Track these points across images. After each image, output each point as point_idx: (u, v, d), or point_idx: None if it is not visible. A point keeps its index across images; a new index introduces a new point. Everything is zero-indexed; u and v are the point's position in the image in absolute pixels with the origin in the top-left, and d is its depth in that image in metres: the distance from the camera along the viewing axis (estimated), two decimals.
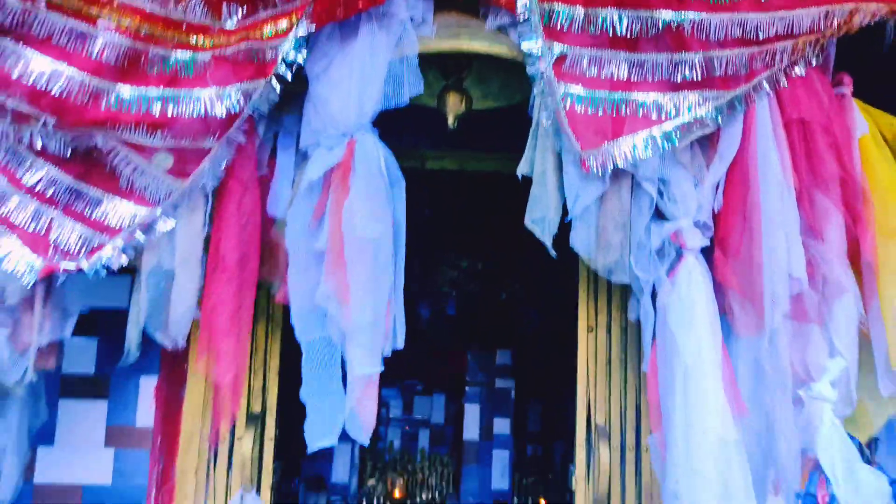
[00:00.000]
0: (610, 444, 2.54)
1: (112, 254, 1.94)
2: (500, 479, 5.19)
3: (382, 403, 5.46)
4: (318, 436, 2.06)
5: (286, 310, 2.43)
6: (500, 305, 5.64)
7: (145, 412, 2.66)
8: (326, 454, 5.12)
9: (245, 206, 2.08)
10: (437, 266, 5.63)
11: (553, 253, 2.04)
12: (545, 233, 2.06)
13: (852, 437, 2.23)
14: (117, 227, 1.96)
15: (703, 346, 1.97)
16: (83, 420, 2.65)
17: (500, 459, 5.21)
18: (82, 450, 2.65)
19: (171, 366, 2.60)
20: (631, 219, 2.09)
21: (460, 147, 2.89)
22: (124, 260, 1.95)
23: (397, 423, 5.54)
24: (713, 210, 2.11)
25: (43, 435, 2.54)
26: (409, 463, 5.30)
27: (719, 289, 2.10)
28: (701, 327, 1.99)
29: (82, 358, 2.63)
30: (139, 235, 1.97)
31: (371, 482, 5.14)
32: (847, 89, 2.23)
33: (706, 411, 1.95)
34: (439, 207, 4.38)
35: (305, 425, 2.08)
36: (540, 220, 2.06)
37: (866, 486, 2.06)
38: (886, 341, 2.12)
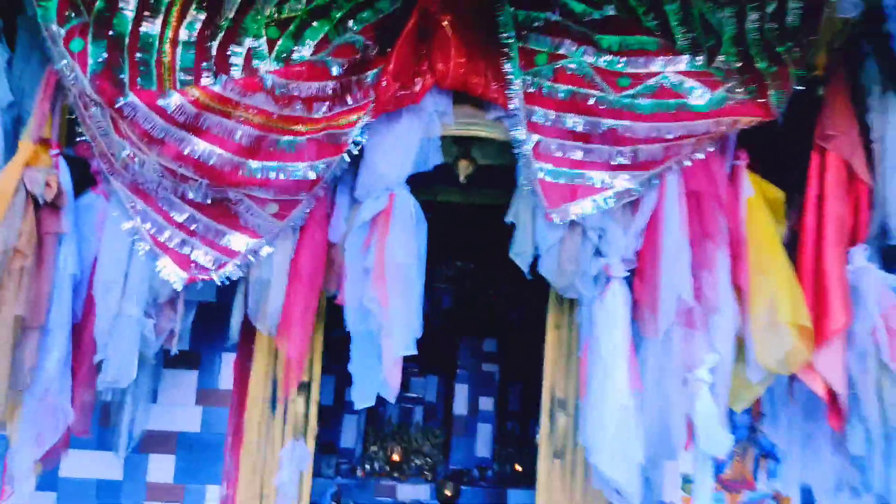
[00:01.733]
0: (567, 412, 3.06)
1: (233, 269, 2.60)
2: (483, 448, 5.54)
3: None
4: (361, 398, 2.59)
5: (328, 308, 3.01)
6: (489, 301, 5.92)
7: (226, 379, 3.16)
8: (337, 424, 5.46)
9: (316, 236, 2.68)
10: (436, 266, 5.76)
11: (529, 276, 2.65)
12: (523, 262, 2.64)
13: (732, 411, 2.80)
14: (237, 251, 2.58)
15: (616, 344, 2.50)
16: (180, 384, 3.15)
17: (484, 432, 5.56)
18: (179, 406, 3.14)
19: (244, 345, 3.09)
20: (579, 255, 2.60)
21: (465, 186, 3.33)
22: (240, 273, 2.60)
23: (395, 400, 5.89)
24: (637, 250, 2.64)
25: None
26: (405, 434, 5.65)
27: (637, 305, 2.62)
28: (616, 331, 2.52)
29: (181, 339, 2.97)
30: (250, 257, 2.61)
31: (373, 448, 5.52)
32: (742, 162, 2.72)
33: (613, 386, 2.47)
34: (444, 226, 4.68)
35: (352, 390, 2.61)
36: (520, 253, 2.64)
37: (718, 441, 2.55)
38: (754, 345, 2.63)
